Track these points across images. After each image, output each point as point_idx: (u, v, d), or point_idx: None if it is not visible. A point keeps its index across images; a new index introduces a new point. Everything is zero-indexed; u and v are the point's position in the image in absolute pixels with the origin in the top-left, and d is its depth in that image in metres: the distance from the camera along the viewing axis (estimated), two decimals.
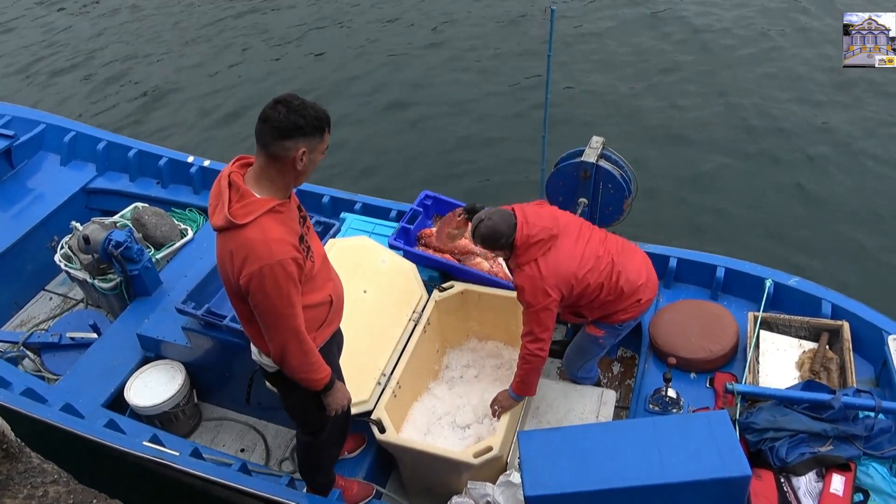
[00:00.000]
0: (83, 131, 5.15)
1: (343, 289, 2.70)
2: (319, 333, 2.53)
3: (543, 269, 2.91)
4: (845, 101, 6.31)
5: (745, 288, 3.72)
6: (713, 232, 5.13)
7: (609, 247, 3.10)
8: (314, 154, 2.24)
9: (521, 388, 3.14)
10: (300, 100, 2.18)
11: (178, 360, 3.83)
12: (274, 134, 2.15)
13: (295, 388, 2.55)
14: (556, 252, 2.94)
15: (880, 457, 2.80)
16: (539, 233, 2.93)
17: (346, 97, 7.24)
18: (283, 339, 2.34)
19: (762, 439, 2.82)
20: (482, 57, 7.67)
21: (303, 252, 2.31)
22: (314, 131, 2.19)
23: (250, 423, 3.96)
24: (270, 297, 2.23)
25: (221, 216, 2.20)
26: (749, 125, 6.19)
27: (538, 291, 2.92)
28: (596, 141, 3.82)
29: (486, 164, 6.14)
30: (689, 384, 3.43)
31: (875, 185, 5.43)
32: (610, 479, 2.49)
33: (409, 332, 3.60)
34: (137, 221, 4.47)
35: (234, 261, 2.22)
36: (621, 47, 7.48)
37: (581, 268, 2.96)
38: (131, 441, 3.38)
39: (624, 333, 3.30)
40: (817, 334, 3.41)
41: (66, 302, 4.78)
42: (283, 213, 2.26)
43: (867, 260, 4.80)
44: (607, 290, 3.03)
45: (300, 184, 2.33)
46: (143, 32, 9.02)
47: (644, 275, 3.13)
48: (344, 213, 4.46)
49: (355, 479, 3.25)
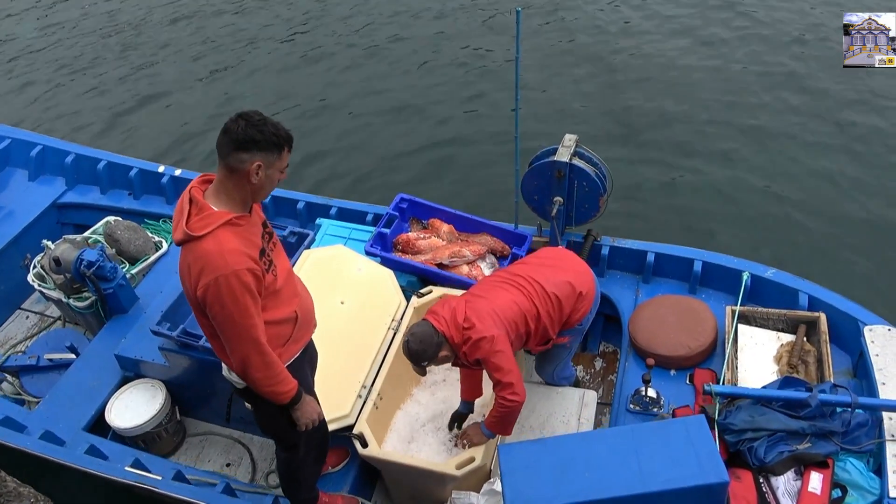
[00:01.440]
0: (50, 145, 5.05)
1: (312, 304, 2.68)
2: (286, 350, 2.53)
3: (476, 321, 2.90)
4: (813, 95, 6.30)
5: (723, 281, 3.72)
6: (691, 226, 5.14)
7: (530, 273, 3.12)
8: (271, 171, 2.27)
9: (497, 428, 3.10)
10: (262, 116, 2.24)
11: (158, 379, 3.80)
12: (231, 146, 2.20)
13: (264, 402, 2.55)
14: (476, 303, 2.98)
15: (858, 451, 2.83)
16: (454, 315, 2.93)
17: (320, 99, 7.16)
18: (244, 351, 2.34)
19: (741, 440, 2.84)
20: (456, 56, 7.59)
21: (262, 265, 2.32)
22: (271, 147, 2.23)
23: (235, 436, 3.94)
24: (227, 308, 2.24)
25: (180, 230, 2.25)
26: (718, 120, 6.17)
27: (482, 341, 2.89)
28: (569, 139, 3.78)
29: (463, 164, 6.10)
30: (670, 381, 3.44)
31: (848, 176, 5.45)
32: (590, 491, 2.49)
33: (389, 341, 3.58)
34: (110, 237, 4.41)
35: (192, 273, 2.25)
36: (596, 46, 7.42)
37: (508, 311, 2.97)
38: (113, 467, 3.36)
39: (586, 328, 3.31)
40: (795, 326, 3.42)
41: (43, 320, 4.72)
42: (241, 226, 2.29)
43: (843, 250, 4.82)
44: (546, 308, 3.05)
45: (259, 200, 2.37)
46: (101, 43, 8.80)
47: (570, 271, 3.15)
48: (320, 218, 4.42)
49: (339, 493, 3.26)
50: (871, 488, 2.74)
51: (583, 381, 4.01)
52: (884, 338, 3.15)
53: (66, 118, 7.38)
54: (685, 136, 6.03)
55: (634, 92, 6.61)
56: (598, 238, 3.98)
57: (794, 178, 5.47)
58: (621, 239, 3.97)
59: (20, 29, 9.35)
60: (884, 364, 3.06)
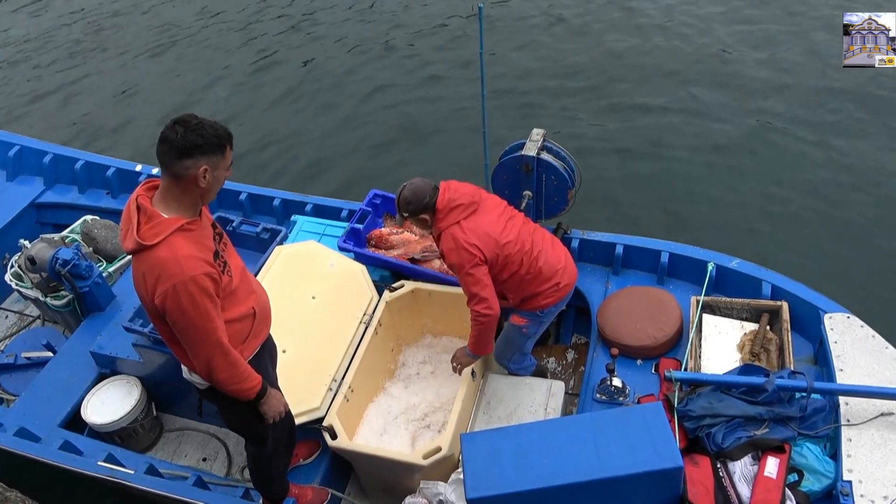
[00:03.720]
0: (28, 145, 5.08)
1: (268, 299, 2.71)
2: (247, 346, 2.56)
3: (466, 228, 3.01)
4: (775, 85, 6.39)
5: (690, 272, 3.77)
6: (660, 220, 5.20)
7: (530, 230, 3.21)
8: (217, 171, 2.28)
9: (477, 347, 3.24)
10: (198, 119, 2.22)
11: (134, 375, 3.84)
12: (174, 154, 2.18)
13: (229, 401, 2.58)
14: (477, 217, 3.05)
15: (815, 436, 2.88)
16: (460, 198, 3.04)
17: (291, 97, 7.23)
18: (207, 354, 2.36)
19: (699, 426, 2.89)
20: (431, 48, 7.65)
21: (218, 267, 2.33)
22: (214, 149, 2.23)
23: (211, 431, 3.98)
24: (188, 314, 2.25)
25: (131, 239, 2.23)
26: (686, 109, 6.24)
27: (462, 251, 3.00)
28: (537, 133, 3.82)
29: (437, 160, 6.15)
30: (636, 371, 3.49)
31: (810, 164, 5.53)
32: (549, 477, 2.55)
33: (361, 334, 3.63)
34: (87, 235, 4.44)
35: (147, 282, 2.25)
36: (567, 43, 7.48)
37: (502, 236, 3.06)
38: (87, 462, 3.40)
39: (547, 322, 3.38)
40: (758, 315, 3.47)
41: (22, 319, 4.76)
42: (193, 231, 2.29)
43: (807, 239, 4.89)
44: (527, 266, 3.12)
45: (208, 201, 2.38)
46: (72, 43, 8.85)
47: (563, 261, 3.23)
48: (295, 215, 4.46)
49: (310, 485, 3.30)
50: (826, 472, 2.80)
51: (555, 373, 4.06)
52: (843, 325, 3.21)
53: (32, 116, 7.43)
54: (655, 129, 6.11)
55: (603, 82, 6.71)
56: (568, 231, 4.03)
57: (761, 172, 5.56)
58: (591, 231, 4.02)
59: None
60: (842, 351, 3.11)
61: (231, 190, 4.72)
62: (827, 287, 3.53)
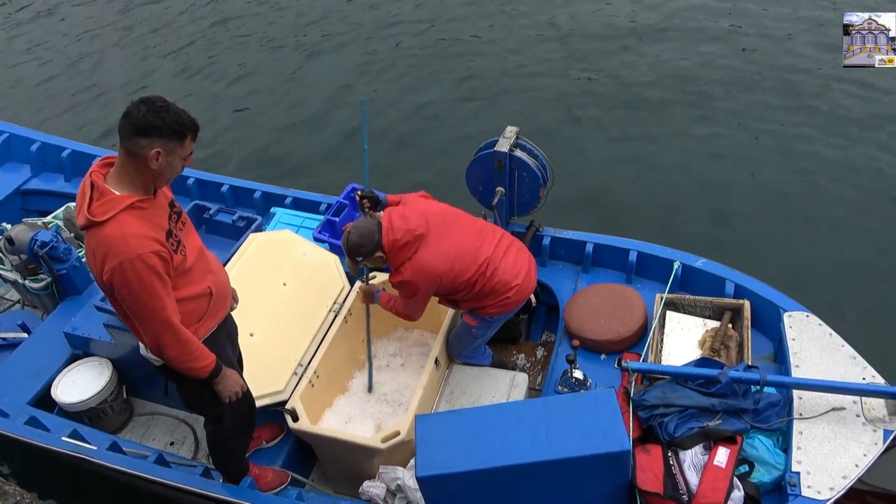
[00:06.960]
0: (16, 132, 5.16)
1: (227, 280, 2.75)
2: (202, 325, 2.58)
3: (411, 271, 3.10)
4: (741, 79, 6.53)
5: (657, 270, 3.81)
6: (629, 220, 5.27)
7: (493, 242, 3.25)
8: (172, 158, 2.28)
9: (383, 303, 3.42)
10: (165, 102, 2.23)
11: (106, 357, 3.88)
12: (131, 130, 2.20)
13: (183, 378, 2.60)
14: (423, 252, 3.10)
15: (767, 429, 2.91)
16: (403, 236, 3.07)
17: (272, 92, 7.33)
18: (156, 332, 2.39)
19: (652, 415, 2.92)
20: (413, 46, 7.79)
21: (170, 246, 2.34)
22: (172, 135, 2.23)
23: (181, 416, 4.01)
24: (135, 292, 2.27)
25: (82, 216, 2.25)
26: (656, 107, 6.37)
27: (408, 288, 3.16)
28: (510, 130, 3.88)
29: (416, 155, 6.24)
30: (599, 365, 3.53)
31: (776, 166, 5.63)
32: (498, 458, 2.58)
33: (330, 322, 3.67)
34: (69, 221, 4.50)
35: (97, 258, 2.27)
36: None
37: (451, 267, 3.12)
38: (51, 437, 3.43)
39: (497, 326, 3.44)
40: (721, 313, 3.52)
41: (2, 303, 4.80)
42: (145, 209, 2.30)
43: (770, 239, 4.96)
44: (480, 284, 3.19)
45: (162, 185, 2.38)
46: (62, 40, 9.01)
47: (521, 276, 3.27)
48: (274, 207, 4.52)
49: (271, 467, 3.32)
50: (776, 464, 2.82)
51: (523, 370, 4.08)
52: (801, 323, 3.25)
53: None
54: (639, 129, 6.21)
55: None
56: (540, 229, 4.08)
57: (725, 170, 5.67)
58: (562, 230, 4.07)
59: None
60: (799, 348, 3.15)
61: (213, 182, 4.78)
62: (788, 286, 3.57)
